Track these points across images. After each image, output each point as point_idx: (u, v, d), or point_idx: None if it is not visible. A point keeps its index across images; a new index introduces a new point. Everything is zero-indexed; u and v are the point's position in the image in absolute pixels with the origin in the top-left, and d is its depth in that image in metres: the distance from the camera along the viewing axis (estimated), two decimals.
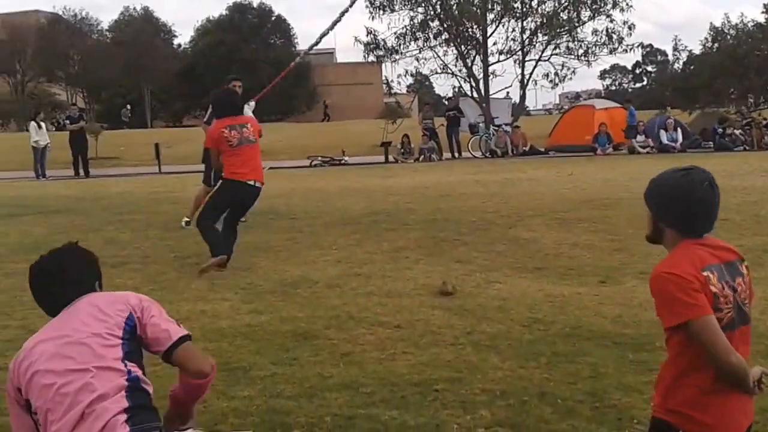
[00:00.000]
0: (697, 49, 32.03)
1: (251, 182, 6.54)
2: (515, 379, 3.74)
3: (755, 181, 11.04)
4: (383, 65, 30.25)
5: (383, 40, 27.99)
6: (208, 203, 6.81)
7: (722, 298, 2.22)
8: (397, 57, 28.22)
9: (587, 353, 4.07)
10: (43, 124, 19.90)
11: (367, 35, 27.97)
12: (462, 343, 4.35)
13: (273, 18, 56.05)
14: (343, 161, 22.15)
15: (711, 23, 41.06)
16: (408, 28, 27.65)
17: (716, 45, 29.19)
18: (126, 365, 2.26)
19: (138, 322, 2.35)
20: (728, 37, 28.93)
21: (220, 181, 6.80)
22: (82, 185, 15.61)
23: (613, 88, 72.96)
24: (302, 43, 57.78)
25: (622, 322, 4.63)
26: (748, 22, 29.15)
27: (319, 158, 22.24)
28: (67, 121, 20.53)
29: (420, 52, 28.12)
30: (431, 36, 27.77)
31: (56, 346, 2.27)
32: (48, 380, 2.20)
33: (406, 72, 29.86)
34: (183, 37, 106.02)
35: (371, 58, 28.91)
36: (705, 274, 2.21)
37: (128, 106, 46.14)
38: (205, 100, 54.04)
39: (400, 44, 27.86)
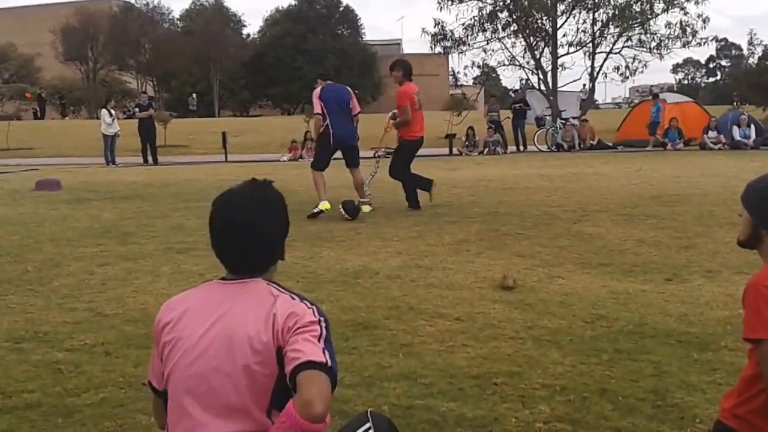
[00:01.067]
0: None
1: (422, 137, 9.54)
2: (576, 375, 3.68)
3: None
4: (450, 57, 30.22)
5: (451, 31, 27.91)
6: (397, 160, 9.52)
7: None
8: (465, 48, 28.15)
9: (650, 351, 3.98)
10: (113, 112, 20.46)
11: (435, 26, 27.95)
12: (522, 338, 4.31)
13: (341, 9, 56.41)
14: None
15: None
16: (476, 19, 27.53)
17: None
18: (272, 419, 1.87)
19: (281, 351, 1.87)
20: None
21: (403, 141, 9.48)
22: (151, 172, 16.02)
23: (686, 82, 71.03)
24: (369, 34, 57.97)
25: (687, 320, 4.52)
26: None
27: (383, 149, 22.25)
28: (137, 109, 21.08)
29: (487, 44, 27.98)
30: (499, 27, 27.57)
31: (205, 352, 1.92)
32: (185, 402, 1.93)
33: (473, 64, 29.79)
34: (252, 27, 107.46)
35: (438, 49, 28.90)
36: None
37: (194, 95, 47.06)
38: (272, 90, 54.56)
39: (467, 35, 27.78)
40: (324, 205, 8.68)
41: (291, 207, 2.16)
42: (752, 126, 20.46)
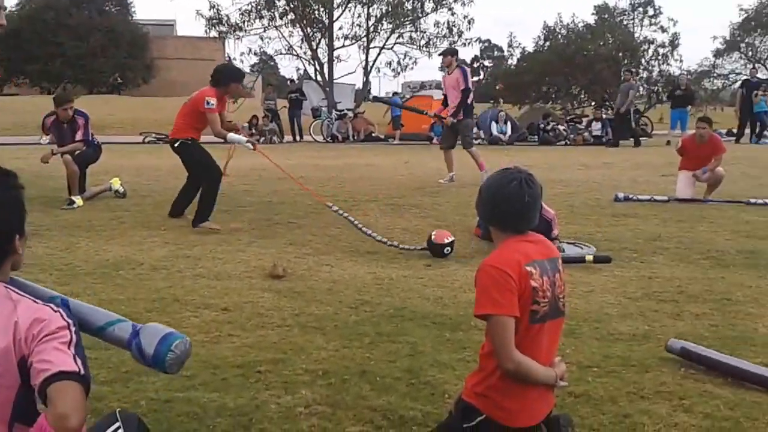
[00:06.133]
0: (530, 47, 33.69)
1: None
2: (338, 359, 3.79)
3: (572, 174, 11.86)
4: (226, 42, 29.66)
5: (227, 15, 27.35)
6: None
7: (541, 292, 2.35)
8: (241, 34, 27.75)
9: (408, 333, 4.19)
10: None
11: (210, 9, 27.25)
12: (289, 325, 4.36)
13: None
14: None
15: (544, 22, 43.33)
16: (253, 5, 27.20)
17: (548, 43, 30.80)
18: None
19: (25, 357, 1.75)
20: (559, 36, 30.60)
21: None
22: None
23: None
24: (139, 13, 54.99)
25: (442, 303, 4.83)
26: (579, 22, 31.05)
27: (153, 134, 21.42)
28: None
29: (265, 31, 27.84)
30: (277, 15, 27.50)
31: None
32: None
33: (250, 50, 29.53)
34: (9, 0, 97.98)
35: (213, 33, 28.23)
36: (528, 269, 2.33)
37: None
38: (30, 66, 49.90)
39: (244, 21, 27.38)
40: (79, 201, 8.23)
41: (45, 194, 2.07)
42: (508, 123, 22.33)
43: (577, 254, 6.12)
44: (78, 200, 8.16)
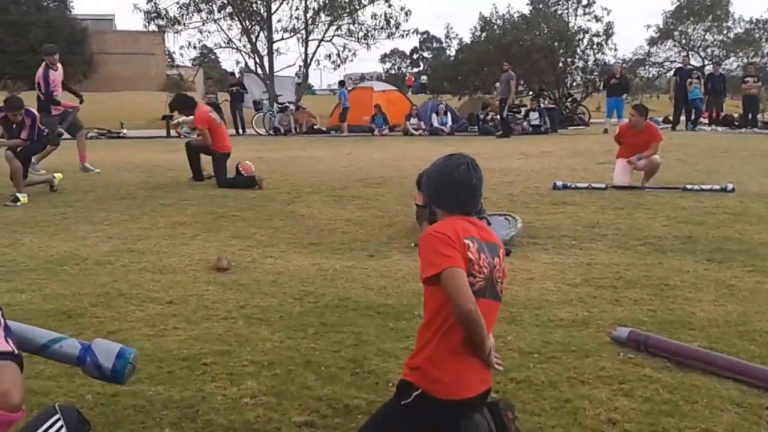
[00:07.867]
0: (467, 38, 33.75)
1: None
2: (283, 350, 3.84)
3: (511, 163, 12.07)
4: (166, 35, 29.28)
5: (165, 9, 27.00)
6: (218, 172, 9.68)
7: (477, 266, 2.43)
8: (180, 28, 27.42)
9: (352, 323, 4.26)
10: None
11: (148, 2, 26.84)
12: (234, 317, 4.40)
13: None
14: (121, 134, 21.16)
15: (480, 13, 43.41)
16: None
17: (484, 34, 30.97)
18: None
19: None
20: (495, 27, 30.81)
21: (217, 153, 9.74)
22: None
23: (393, 72, 75.44)
24: (77, 8, 53.77)
25: (385, 293, 4.91)
26: (514, 13, 31.31)
27: (95, 130, 21.05)
28: None
29: (203, 25, 27.52)
30: (215, 8, 27.24)
31: None
32: None
33: (189, 44, 29.18)
34: None
35: (152, 27, 27.84)
36: (466, 241, 2.42)
37: None
38: None
39: (182, 15, 27.06)
40: (24, 198, 8.19)
41: None
42: (449, 114, 22.62)
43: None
44: (23, 198, 8.12)
